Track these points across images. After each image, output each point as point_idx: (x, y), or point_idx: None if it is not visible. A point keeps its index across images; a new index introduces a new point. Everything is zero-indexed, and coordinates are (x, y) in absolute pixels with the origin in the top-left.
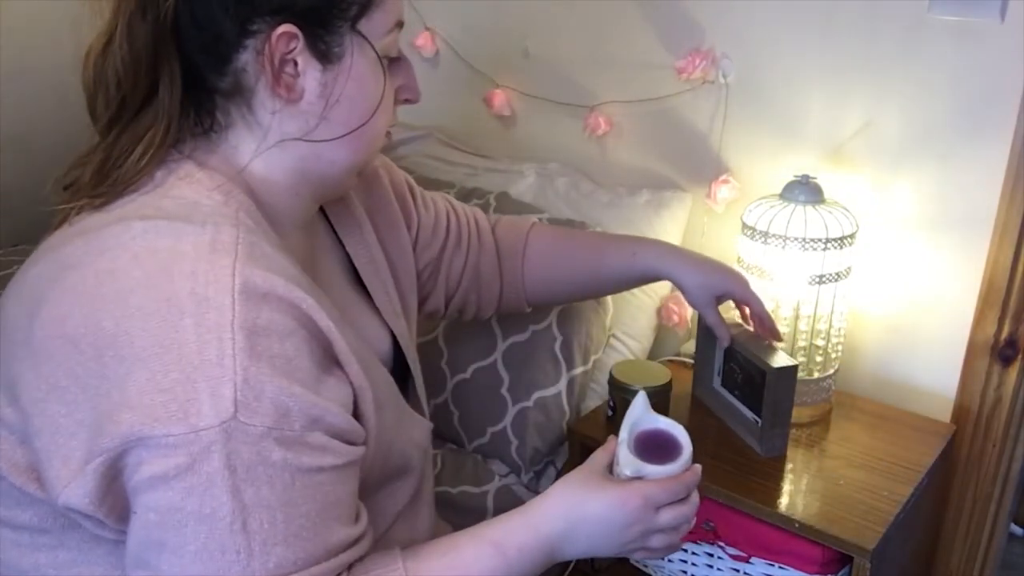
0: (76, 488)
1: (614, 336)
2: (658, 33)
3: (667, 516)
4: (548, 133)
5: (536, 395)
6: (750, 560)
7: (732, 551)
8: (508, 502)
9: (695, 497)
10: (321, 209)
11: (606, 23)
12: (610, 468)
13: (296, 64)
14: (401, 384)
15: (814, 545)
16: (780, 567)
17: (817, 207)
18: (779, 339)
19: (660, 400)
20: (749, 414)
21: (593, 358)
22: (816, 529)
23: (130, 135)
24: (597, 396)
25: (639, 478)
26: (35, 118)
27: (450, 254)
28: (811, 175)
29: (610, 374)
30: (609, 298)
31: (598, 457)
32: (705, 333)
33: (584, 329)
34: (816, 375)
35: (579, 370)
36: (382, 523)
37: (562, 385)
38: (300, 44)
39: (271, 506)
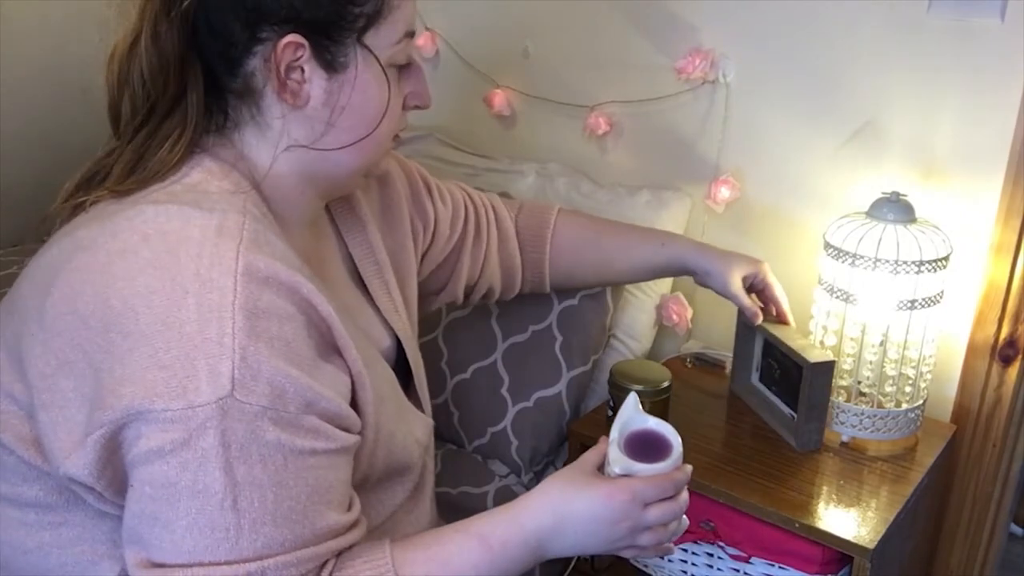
0: (77, 459)
1: (614, 336)
2: (658, 33)
3: (655, 513)
4: (548, 133)
5: (536, 395)
6: (750, 560)
7: (732, 551)
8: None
9: (684, 496)
10: (328, 210)
11: (606, 23)
12: (600, 468)
13: (303, 71)
14: (404, 384)
15: (814, 545)
16: (780, 567)
17: (908, 227)
18: (788, 324)
19: (660, 400)
20: (786, 409)
21: (593, 358)
22: (816, 529)
23: (161, 136)
24: (597, 396)
25: (628, 476)
26: (35, 119)
27: (470, 245)
28: (901, 192)
29: (610, 374)
30: (609, 298)
31: (588, 457)
32: (744, 330)
33: (584, 329)
34: (904, 406)
35: (579, 370)
36: (378, 517)
37: (562, 385)
38: (307, 53)
39: (262, 485)
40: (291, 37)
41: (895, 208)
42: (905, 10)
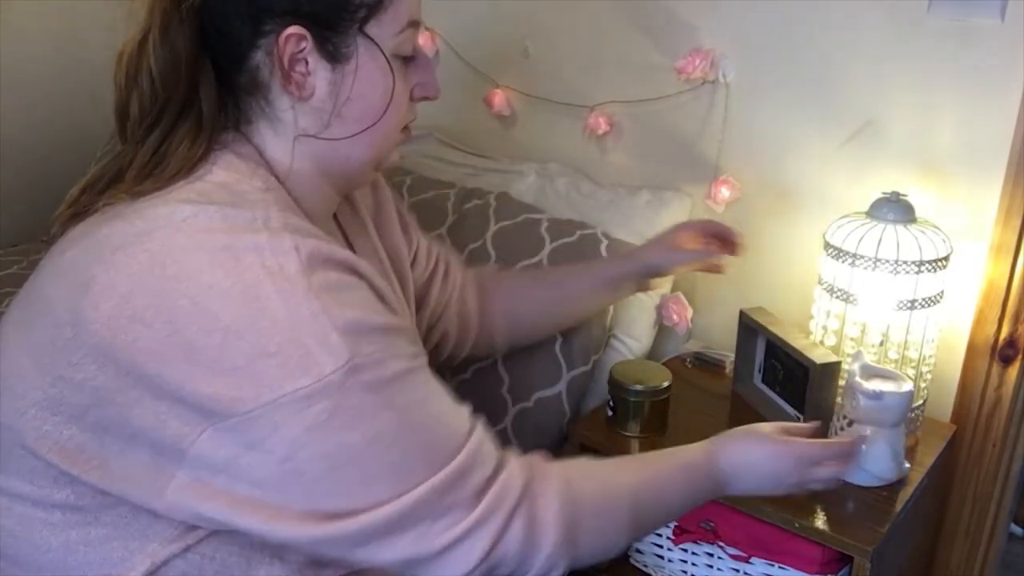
0: (203, 444)
1: (614, 336)
2: (658, 33)
3: (822, 472)
4: (548, 133)
5: (536, 395)
6: (750, 560)
7: (732, 551)
8: None
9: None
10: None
11: (606, 23)
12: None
13: (307, 63)
14: None
15: (814, 545)
16: (780, 567)
17: (908, 227)
18: (741, 244)
19: (660, 400)
20: (791, 410)
21: (593, 358)
22: (816, 529)
23: (178, 137)
24: (597, 396)
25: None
26: (35, 119)
27: (440, 279)
28: (901, 192)
29: (610, 374)
30: None
31: (761, 425)
32: (746, 331)
33: (584, 329)
34: None
35: (579, 370)
36: None
37: (562, 385)
38: (309, 45)
39: (421, 400)
40: (293, 29)
41: (895, 208)
42: (905, 10)
